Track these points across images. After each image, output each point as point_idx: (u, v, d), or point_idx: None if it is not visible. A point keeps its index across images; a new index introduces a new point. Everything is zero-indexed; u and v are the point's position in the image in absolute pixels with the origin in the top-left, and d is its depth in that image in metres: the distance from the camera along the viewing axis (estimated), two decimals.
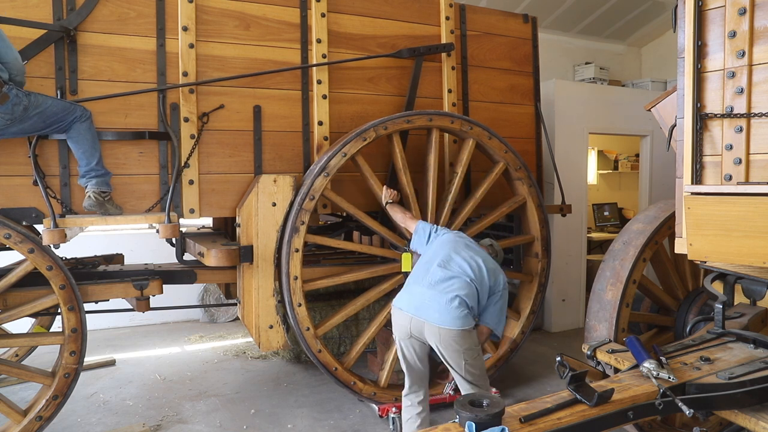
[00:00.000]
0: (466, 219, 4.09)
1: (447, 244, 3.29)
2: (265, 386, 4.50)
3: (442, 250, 3.25)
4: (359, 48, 4.04)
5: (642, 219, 3.48)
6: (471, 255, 3.20)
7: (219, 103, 3.64)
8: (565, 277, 6.17)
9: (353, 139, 3.65)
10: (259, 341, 3.66)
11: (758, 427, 1.93)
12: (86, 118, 3.15)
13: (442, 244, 3.30)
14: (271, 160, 3.80)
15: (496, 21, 4.59)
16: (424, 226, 3.47)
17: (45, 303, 3.24)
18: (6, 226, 3.01)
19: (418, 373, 3.18)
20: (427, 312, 2.97)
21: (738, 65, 2.24)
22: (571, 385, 1.82)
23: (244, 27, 3.70)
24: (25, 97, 2.92)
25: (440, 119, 3.90)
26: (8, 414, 3.15)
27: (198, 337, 5.81)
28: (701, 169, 2.36)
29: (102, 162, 3.24)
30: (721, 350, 2.34)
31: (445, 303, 2.95)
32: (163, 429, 3.78)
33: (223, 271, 3.90)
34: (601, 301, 3.33)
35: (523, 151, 4.66)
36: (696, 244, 2.22)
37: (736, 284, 2.84)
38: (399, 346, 3.16)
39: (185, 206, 3.56)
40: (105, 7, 3.36)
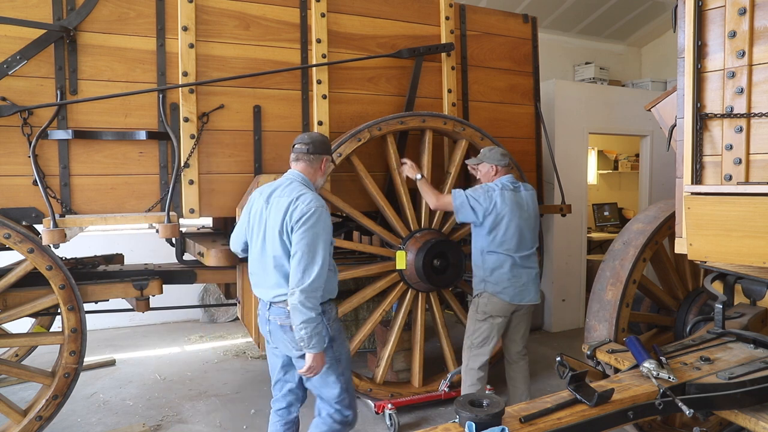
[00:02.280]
0: None
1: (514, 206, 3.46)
2: (265, 386, 4.49)
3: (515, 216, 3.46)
4: (359, 48, 4.04)
5: (642, 219, 3.48)
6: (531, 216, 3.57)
7: (219, 103, 3.64)
8: (565, 277, 6.17)
9: (348, 140, 3.67)
10: (258, 341, 3.66)
11: (758, 427, 1.93)
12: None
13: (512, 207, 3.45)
14: (271, 160, 3.80)
15: (496, 21, 4.59)
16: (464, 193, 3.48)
17: (45, 303, 3.24)
18: (6, 225, 3.01)
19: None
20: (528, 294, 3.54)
21: (738, 65, 2.24)
22: (571, 385, 1.82)
23: (244, 27, 3.70)
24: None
25: (433, 120, 3.92)
26: (8, 414, 3.15)
27: (198, 337, 5.82)
28: (701, 169, 2.35)
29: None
30: (721, 350, 2.34)
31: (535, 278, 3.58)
32: (163, 429, 3.78)
33: (223, 271, 3.91)
34: (601, 301, 3.33)
35: (522, 151, 4.67)
36: (696, 244, 2.22)
37: (736, 284, 2.84)
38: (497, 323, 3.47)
39: (185, 206, 3.56)
40: (105, 7, 3.35)
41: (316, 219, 2.51)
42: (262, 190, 2.79)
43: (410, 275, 3.86)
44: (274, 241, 2.58)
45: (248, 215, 2.81)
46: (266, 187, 2.79)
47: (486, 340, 3.51)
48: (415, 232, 3.92)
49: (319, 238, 2.50)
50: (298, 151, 2.78)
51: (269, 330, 2.72)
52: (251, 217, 2.77)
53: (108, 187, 3.40)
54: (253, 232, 2.74)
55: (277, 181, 2.79)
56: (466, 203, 3.44)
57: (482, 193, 3.45)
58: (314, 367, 2.54)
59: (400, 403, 3.84)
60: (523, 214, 3.51)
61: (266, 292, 2.68)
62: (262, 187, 2.82)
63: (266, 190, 2.75)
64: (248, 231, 2.80)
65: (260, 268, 2.70)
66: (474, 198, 3.44)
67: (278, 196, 2.66)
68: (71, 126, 3.29)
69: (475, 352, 3.54)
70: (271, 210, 2.64)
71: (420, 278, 3.79)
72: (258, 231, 2.70)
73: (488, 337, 3.51)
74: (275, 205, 2.63)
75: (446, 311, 4.35)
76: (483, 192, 3.46)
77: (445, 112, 4.28)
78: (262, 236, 2.67)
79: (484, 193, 3.45)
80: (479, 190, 3.48)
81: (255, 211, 2.75)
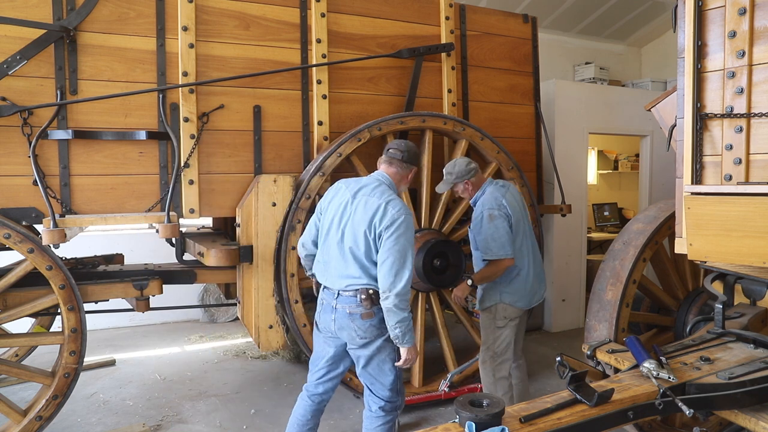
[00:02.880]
0: (459, 218, 4.10)
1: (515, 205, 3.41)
2: (265, 386, 4.50)
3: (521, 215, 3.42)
4: (359, 48, 4.04)
5: (642, 219, 3.48)
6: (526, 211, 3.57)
7: (219, 103, 3.64)
8: (565, 277, 6.17)
9: (348, 140, 3.68)
10: (258, 341, 3.66)
11: (758, 427, 1.93)
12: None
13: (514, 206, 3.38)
14: (271, 160, 3.80)
15: (496, 21, 4.60)
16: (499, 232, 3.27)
17: (45, 303, 3.23)
18: (6, 225, 3.01)
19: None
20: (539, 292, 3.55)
21: (738, 65, 2.23)
22: (571, 385, 1.82)
23: (244, 27, 3.70)
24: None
25: (433, 120, 3.92)
26: (8, 414, 3.15)
27: (198, 337, 5.81)
28: (701, 169, 2.35)
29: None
30: (721, 350, 2.34)
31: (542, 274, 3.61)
32: (163, 429, 3.78)
33: (222, 271, 3.91)
34: (601, 301, 3.33)
35: (522, 151, 4.67)
36: (696, 244, 2.22)
37: (736, 284, 2.84)
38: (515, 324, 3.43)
39: (185, 206, 3.56)
40: (105, 7, 3.36)
41: (406, 226, 2.66)
42: (347, 183, 2.87)
43: None
44: (357, 236, 2.69)
45: (327, 204, 2.88)
46: (352, 181, 2.87)
47: (509, 345, 3.42)
48: (415, 232, 3.91)
49: (409, 245, 2.67)
50: (392, 155, 2.89)
51: (334, 318, 2.78)
52: (331, 207, 2.84)
53: (108, 187, 3.41)
54: (332, 221, 2.80)
55: (365, 179, 2.88)
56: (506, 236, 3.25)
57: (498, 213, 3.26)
58: (409, 359, 2.76)
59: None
60: (522, 210, 3.47)
61: (336, 281, 2.77)
62: (346, 180, 2.90)
63: (353, 185, 2.83)
64: (324, 218, 2.87)
65: (334, 257, 2.78)
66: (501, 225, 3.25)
67: (367, 194, 2.75)
68: (71, 126, 3.29)
69: (499, 360, 3.42)
70: (358, 206, 2.73)
71: (420, 278, 3.79)
72: (338, 222, 2.77)
73: (510, 341, 3.42)
74: (363, 202, 2.72)
75: (446, 311, 4.35)
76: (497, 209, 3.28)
77: (445, 112, 4.28)
78: (343, 227, 2.75)
79: (498, 209, 3.28)
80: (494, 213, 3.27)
81: (338, 202, 2.82)
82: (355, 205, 2.74)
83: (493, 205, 3.30)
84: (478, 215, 3.35)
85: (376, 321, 2.74)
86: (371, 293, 2.71)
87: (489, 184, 3.45)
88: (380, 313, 2.73)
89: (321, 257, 2.88)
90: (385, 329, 2.75)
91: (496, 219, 3.26)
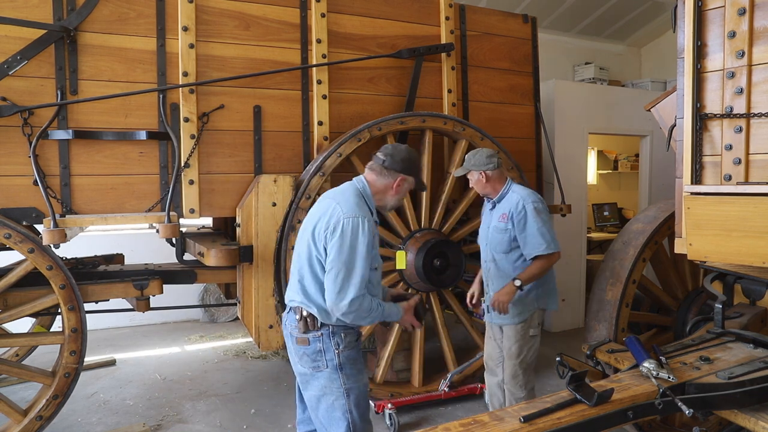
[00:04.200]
0: (459, 218, 4.10)
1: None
2: (265, 386, 4.50)
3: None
4: (359, 48, 4.04)
5: (642, 219, 3.48)
6: None
7: (219, 103, 3.64)
8: (565, 277, 6.16)
9: (348, 140, 3.68)
10: (258, 341, 3.67)
11: (758, 426, 1.93)
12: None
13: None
14: (271, 160, 3.81)
15: (496, 21, 4.60)
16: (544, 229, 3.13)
17: (45, 303, 3.24)
18: (6, 226, 3.01)
19: None
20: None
21: (737, 65, 2.24)
22: (571, 384, 1.83)
23: (244, 27, 3.70)
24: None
25: (433, 120, 3.92)
26: (9, 414, 3.15)
27: (198, 337, 5.82)
28: (701, 169, 2.36)
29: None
30: (721, 350, 2.34)
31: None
32: (164, 429, 3.78)
33: (223, 271, 3.91)
34: (601, 301, 3.34)
35: (522, 151, 4.67)
36: (696, 244, 2.22)
37: (736, 284, 2.84)
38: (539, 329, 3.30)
39: (185, 206, 3.56)
40: (105, 7, 3.36)
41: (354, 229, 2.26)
42: (326, 193, 2.53)
43: (410, 275, 3.86)
44: (301, 244, 2.40)
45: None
46: (329, 191, 2.54)
47: (537, 351, 3.27)
48: (415, 232, 3.92)
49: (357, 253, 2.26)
50: (375, 160, 2.50)
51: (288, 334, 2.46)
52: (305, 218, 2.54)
53: (108, 187, 3.41)
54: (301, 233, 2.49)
55: (340, 186, 2.52)
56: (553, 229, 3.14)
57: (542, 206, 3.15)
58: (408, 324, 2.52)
59: (400, 403, 3.85)
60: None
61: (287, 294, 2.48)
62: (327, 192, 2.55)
63: (325, 195, 2.51)
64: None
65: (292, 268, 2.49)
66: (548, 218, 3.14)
67: (326, 197, 2.46)
68: (71, 126, 3.29)
69: (530, 370, 3.26)
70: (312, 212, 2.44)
71: (420, 278, 3.79)
72: (302, 234, 2.46)
73: (538, 348, 3.27)
74: (316, 205, 2.45)
75: (446, 311, 4.35)
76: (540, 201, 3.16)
77: (445, 112, 4.28)
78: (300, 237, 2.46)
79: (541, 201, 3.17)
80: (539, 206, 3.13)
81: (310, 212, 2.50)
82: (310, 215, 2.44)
83: (536, 198, 3.14)
84: (520, 210, 3.10)
85: (311, 351, 2.33)
86: (305, 315, 2.32)
87: (513, 183, 3.27)
88: (317, 342, 2.32)
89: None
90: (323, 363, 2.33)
91: (542, 213, 3.10)
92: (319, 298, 2.31)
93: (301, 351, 2.36)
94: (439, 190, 4.07)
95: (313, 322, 2.33)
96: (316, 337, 2.32)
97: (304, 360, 2.37)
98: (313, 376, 2.36)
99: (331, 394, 2.33)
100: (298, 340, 2.35)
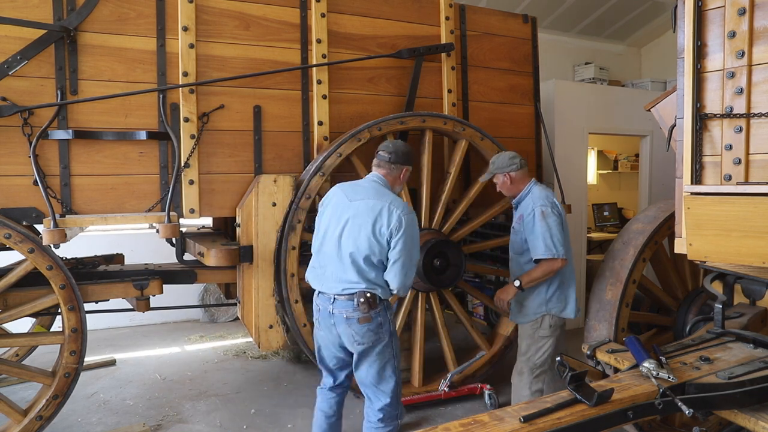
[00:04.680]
0: (459, 218, 4.10)
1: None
2: (265, 386, 4.50)
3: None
4: (359, 48, 4.04)
5: (642, 219, 3.48)
6: None
7: (219, 103, 3.64)
8: None
9: (348, 140, 3.68)
10: (258, 341, 3.67)
11: (758, 426, 1.93)
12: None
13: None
14: (271, 160, 3.81)
15: (496, 21, 4.60)
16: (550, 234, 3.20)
17: (45, 303, 3.24)
18: (6, 226, 3.01)
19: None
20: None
21: (737, 65, 2.24)
22: (571, 384, 1.82)
23: (244, 27, 3.70)
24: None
25: (433, 120, 3.92)
26: (8, 414, 3.15)
27: (198, 337, 5.82)
28: (701, 169, 2.36)
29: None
30: (721, 350, 2.34)
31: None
32: (164, 429, 3.78)
33: (223, 271, 3.91)
34: (601, 301, 3.34)
35: (522, 151, 4.65)
36: (696, 244, 2.22)
37: (736, 284, 2.84)
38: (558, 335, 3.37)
39: (185, 206, 3.56)
40: (105, 7, 3.36)
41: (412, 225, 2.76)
42: (343, 187, 2.90)
43: None
44: (359, 239, 2.69)
45: (323, 210, 2.91)
46: (348, 185, 2.91)
47: (550, 356, 3.30)
48: None
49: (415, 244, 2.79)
50: (380, 158, 2.95)
51: (333, 323, 2.77)
52: (327, 212, 2.86)
53: (108, 187, 3.41)
54: (329, 227, 2.81)
55: (361, 181, 2.95)
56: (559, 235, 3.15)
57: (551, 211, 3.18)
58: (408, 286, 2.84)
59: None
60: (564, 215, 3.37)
61: (333, 286, 2.75)
62: (342, 185, 2.93)
63: (349, 189, 2.86)
64: (320, 225, 2.89)
65: (330, 262, 2.78)
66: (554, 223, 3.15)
67: (367, 197, 2.77)
68: (71, 126, 3.29)
69: (538, 372, 3.32)
70: (358, 209, 2.74)
71: (420, 278, 3.79)
72: (335, 226, 2.78)
73: (552, 353, 3.30)
74: (364, 205, 2.74)
75: (446, 311, 4.35)
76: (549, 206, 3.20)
77: (445, 112, 4.28)
78: (341, 232, 2.75)
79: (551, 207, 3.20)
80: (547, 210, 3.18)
81: (334, 207, 2.83)
82: (355, 208, 2.75)
83: (546, 203, 3.20)
84: (529, 213, 3.21)
85: (374, 326, 2.72)
86: (369, 297, 2.69)
87: (535, 185, 3.35)
88: (378, 317, 2.72)
89: (316, 263, 2.88)
90: (383, 334, 2.75)
91: (549, 217, 3.15)
92: (380, 280, 2.73)
93: (364, 329, 2.70)
94: (439, 190, 4.07)
95: (374, 301, 2.70)
96: (377, 312, 2.72)
97: (366, 336, 2.72)
98: (372, 348, 2.75)
99: (385, 358, 2.79)
100: (361, 319, 2.69)
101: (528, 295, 3.31)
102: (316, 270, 2.87)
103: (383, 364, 2.79)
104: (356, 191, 2.83)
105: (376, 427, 2.83)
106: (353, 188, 2.87)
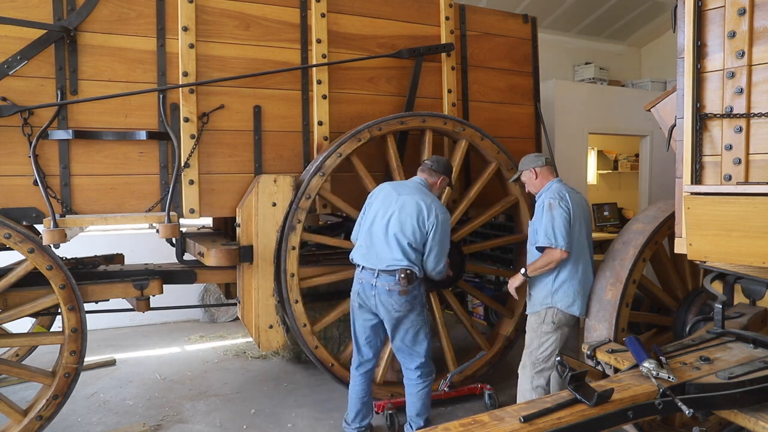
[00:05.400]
0: (459, 218, 4.10)
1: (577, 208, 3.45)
2: (265, 386, 4.50)
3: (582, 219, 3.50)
4: (359, 48, 4.04)
5: (642, 219, 3.48)
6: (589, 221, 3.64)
7: (219, 103, 3.64)
8: None
9: (348, 140, 3.68)
10: (258, 341, 3.67)
11: (758, 426, 1.93)
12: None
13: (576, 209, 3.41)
14: (271, 160, 3.81)
15: (495, 21, 4.60)
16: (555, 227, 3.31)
17: (45, 303, 3.24)
18: (6, 226, 3.01)
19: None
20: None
21: (737, 65, 2.24)
22: (571, 384, 1.82)
23: (244, 27, 3.70)
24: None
25: (433, 120, 3.92)
26: (8, 414, 3.15)
27: (198, 337, 5.82)
28: (701, 169, 2.36)
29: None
30: (721, 350, 2.34)
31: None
32: (164, 429, 3.78)
33: (223, 271, 3.91)
34: (601, 301, 3.34)
35: (522, 151, 4.65)
36: (696, 244, 2.22)
37: (736, 284, 2.84)
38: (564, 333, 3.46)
39: (185, 206, 3.56)
40: (105, 7, 3.36)
41: (446, 223, 3.31)
42: (392, 185, 3.43)
43: None
44: (404, 225, 3.21)
45: (373, 200, 3.40)
46: (396, 184, 3.46)
47: (552, 354, 3.33)
48: None
49: (447, 238, 3.35)
50: (425, 165, 3.54)
51: (375, 294, 3.25)
52: (377, 201, 3.36)
53: (108, 187, 3.41)
54: (378, 212, 3.31)
55: (408, 182, 3.47)
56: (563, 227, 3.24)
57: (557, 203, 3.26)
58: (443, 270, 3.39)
59: (400, 403, 3.84)
60: (584, 215, 3.43)
61: (378, 262, 3.24)
62: (391, 183, 3.48)
63: (398, 186, 3.40)
64: (370, 211, 3.38)
65: (377, 241, 3.26)
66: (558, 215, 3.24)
67: (414, 193, 3.31)
68: (71, 126, 3.30)
69: (540, 368, 3.35)
70: (405, 201, 3.26)
71: None
72: (384, 212, 3.28)
73: (555, 350, 3.33)
74: (411, 199, 3.27)
75: (446, 311, 4.35)
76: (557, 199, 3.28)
77: (445, 112, 4.28)
78: (389, 217, 3.25)
79: (559, 200, 3.28)
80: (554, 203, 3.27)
81: (384, 198, 3.34)
82: (402, 200, 3.27)
83: (554, 196, 3.34)
84: (539, 205, 3.39)
85: (410, 297, 3.23)
86: (409, 273, 3.19)
87: (557, 182, 3.49)
88: (414, 291, 3.24)
89: (363, 242, 3.35)
90: (417, 305, 3.27)
91: (554, 208, 3.28)
92: (418, 261, 3.26)
93: (402, 300, 3.21)
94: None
95: (413, 277, 3.23)
96: (414, 286, 3.25)
97: (404, 306, 3.23)
98: (406, 317, 3.27)
99: (418, 324, 3.32)
100: (401, 291, 3.20)
101: (536, 285, 3.44)
102: (362, 249, 3.34)
103: (417, 329, 3.31)
104: (403, 188, 3.36)
105: (417, 383, 3.39)
106: (401, 185, 3.40)
